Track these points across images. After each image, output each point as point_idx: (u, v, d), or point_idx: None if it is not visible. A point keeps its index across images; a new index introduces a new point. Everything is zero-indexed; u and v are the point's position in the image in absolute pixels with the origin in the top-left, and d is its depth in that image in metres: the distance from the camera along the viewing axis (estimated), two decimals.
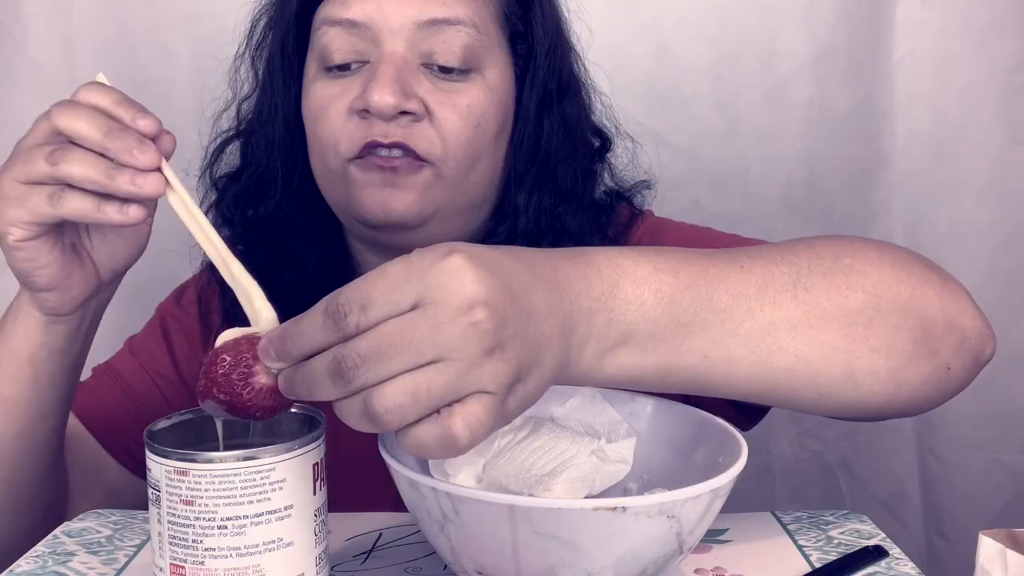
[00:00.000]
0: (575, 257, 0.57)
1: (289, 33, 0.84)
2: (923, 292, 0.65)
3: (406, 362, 0.48)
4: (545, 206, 0.85)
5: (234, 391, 0.53)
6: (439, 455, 0.50)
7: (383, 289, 0.49)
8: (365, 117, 0.78)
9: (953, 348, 0.66)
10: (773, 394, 0.63)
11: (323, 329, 0.49)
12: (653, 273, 0.58)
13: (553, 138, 0.86)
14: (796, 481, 1.34)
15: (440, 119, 0.78)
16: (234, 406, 0.54)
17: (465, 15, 0.79)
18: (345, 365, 0.48)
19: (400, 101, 0.76)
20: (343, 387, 0.49)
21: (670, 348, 0.58)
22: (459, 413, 0.49)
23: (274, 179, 0.87)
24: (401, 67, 0.78)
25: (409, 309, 0.49)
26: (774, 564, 0.65)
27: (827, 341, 0.62)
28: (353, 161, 0.79)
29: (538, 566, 0.54)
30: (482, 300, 0.49)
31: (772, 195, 1.28)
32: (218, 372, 0.53)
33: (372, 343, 0.48)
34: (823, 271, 0.63)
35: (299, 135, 0.85)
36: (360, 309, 0.49)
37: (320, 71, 0.81)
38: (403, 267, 0.50)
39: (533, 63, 0.85)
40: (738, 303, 0.60)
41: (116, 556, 0.67)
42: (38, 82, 1.23)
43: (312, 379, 0.50)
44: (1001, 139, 1.24)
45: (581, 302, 0.55)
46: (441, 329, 0.48)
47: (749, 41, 1.25)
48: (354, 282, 0.50)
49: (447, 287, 0.49)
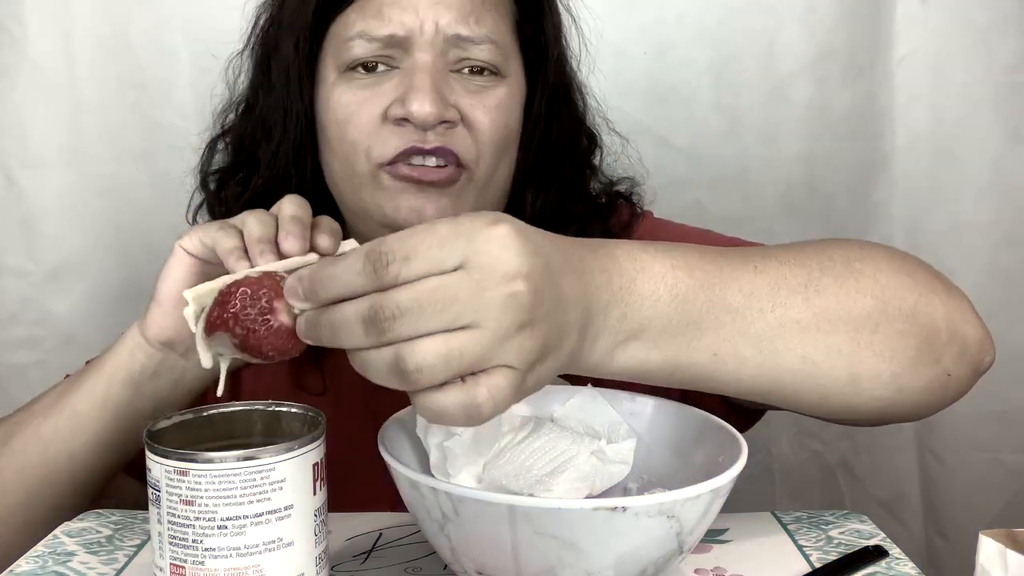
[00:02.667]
0: (597, 249, 0.57)
1: (302, 39, 0.84)
2: (928, 300, 0.66)
3: (443, 322, 0.48)
4: (551, 200, 0.87)
5: (250, 326, 0.52)
6: (459, 422, 0.50)
7: (430, 244, 0.49)
8: (402, 125, 0.78)
9: (955, 356, 0.66)
10: (777, 394, 0.63)
11: (361, 275, 0.49)
12: (670, 270, 0.58)
13: (560, 138, 0.88)
14: (796, 481, 1.34)
15: (473, 122, 0.80)
16: (247, 342, 0.52)
17: (487, 35, 0.80)
18: (382, 315, 0.48)
19: (441, 111, 0.77)
20: (375, 336, 0.48)
21: (680, 345, 0.59)
22: (484, 383, 0.49)
23: (279, 182, 0.86)
24: (436, 77, 0.79)
25: (452, 270, 0.48)
26: (774, 564, 0.65)
27: (833, 344, 0.62)
28: (384, 167, 0.79)
29: (538, 566, 0.54)
30: (525, 273, 0.49)
31: (772, 195, 1.28)
32: (236, 304, 0.52)
33: (413, 297, 0.48)
34: (834, 275, 0.63)
35: (308, 138, 0.85)
36: (403, 260, 0.48)
37: (342, 74, 0.81)
38: (452, 227, 0.49)
39: (544, 67, 0.86)
40: (750, 303, 0.60)
41: (116, 556, 0.67)
42: (38, 82, 1.23)
43: (341, 324, 0.49)
44: (1001, 139, 1.24)
45: (600, 295, 0.56)
46: (483, 295, 0.48)
47: (749, 41, 1.25)
48: (399, 233, 0.49)
49: (495, 254, 0.49)
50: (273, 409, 0.60)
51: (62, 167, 1.25)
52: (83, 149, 1.26)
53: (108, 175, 1.25)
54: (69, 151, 1.25)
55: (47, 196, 1.26)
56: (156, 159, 1.25)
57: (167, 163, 1.18)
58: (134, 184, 1.27)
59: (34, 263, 1.26)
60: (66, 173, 1.25)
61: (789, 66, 1.25)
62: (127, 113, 1.26)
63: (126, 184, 1.27)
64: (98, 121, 1.25)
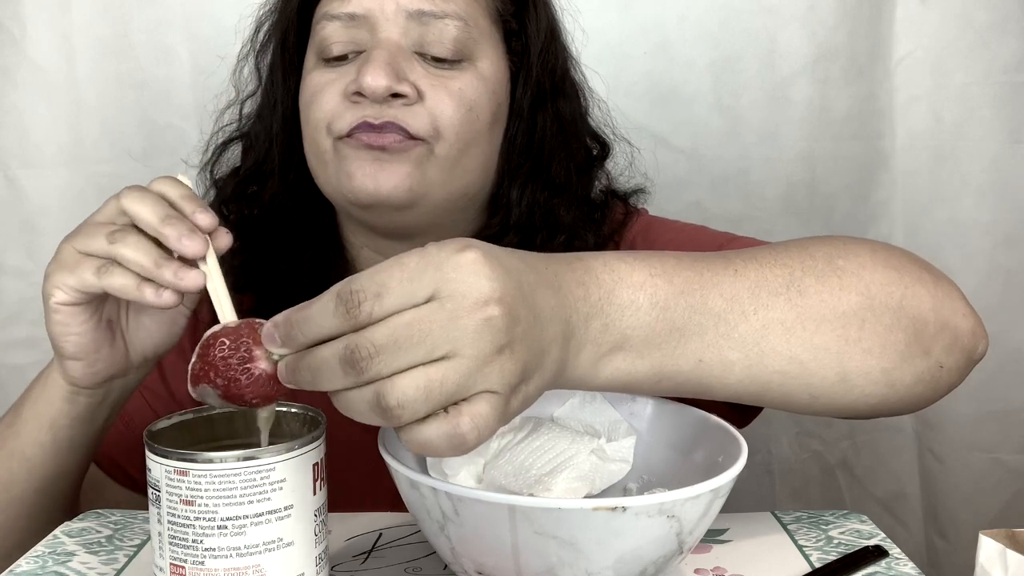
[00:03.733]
0: (572, 263, 0.57)
1: (289, 29, 0.86)
2: (915, 292, 0.65)
3: (420, 355, 0.48)
4: (538, 200, 0.86)
5: (231, 376, 0.52)
6: (445, 453, 0.50)
7: (399, 279, 0.49)
8: (358, 100, 0.79)
9: (946, 347, 0.66)
10: (766, 396, 0.63)
11: (334, 316, 0.48)
12: (648, 279, 0.58)
13: (547, 135, 0.87)
14: (796, 481, 1.34)
15: (432, 101, 0.79)
16: (229, 392, 0.52)
17: (453, 10, 0.80)
18: (359, 355, 0.47)
19: (392, 83, 0.77)
20: (354, 377, 0.48)
21: (664, 353, 0.58)
22: (467, 412, 0.49)
23: (272, 172, 0.88)
24: (395, 52, 0.79)
25: (424, 301, 0.48)
26: (774, 564, 0.65)
27: (820, 343, 0.62)
28: (343, 139, 0.80)
29: (538, 566, 0.54)
30: (497, 297, 0.49)
31: (772, 195, 1.28)
32: (216, 355, 0.52)
33: (387, 334, 0.48)
34: (816, 273, 0.63)
35: (296, 128, 0.85)
36: (375, 297, 0.48)
37: (319, 62, 0.83)
38: (420, 258, 0.49)
39: (527, 60, 0.86)
40: (732, 306, 0.60)
41: (116, 556, 0.67)
42: (38, 82, 1.23)
43: (320, 367, 0.49)
44: (1000, 139, 1.24)
45: (579, 308, 0.55)
46: (457, 324, 0.48)
47: (750, 41, 1.25)
48: (368, 270, 0.49)
49: (465, 281, 0.49)
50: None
51: (62, 167, 1.25)
52: (83, 149, 1.25)
53: (108, 175, 1.25)
54: (69, 151, 1.25)
55: (47, 196, 1.26)
56: (156, 159, 1.25)
57: (167, 163, 1.18)
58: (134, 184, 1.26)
59: (34, 263, 1.26)
60: (66, 173, 1.25)
61: (789, 66, 1.25)
62: (127, 113, 1.26)
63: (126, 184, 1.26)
64: (98, 121, 1.25)
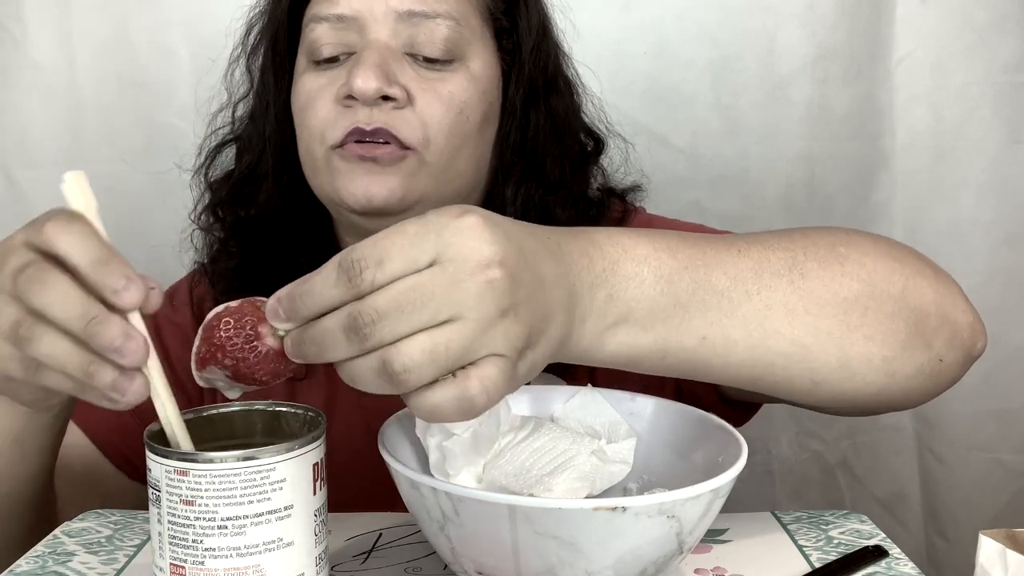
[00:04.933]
0: (576, 234, 0.58)
1: (280, 31, 0.86)
2: (917, 283, 0.66)
3: (424, 319, 0.48)
4: (533, 198, 0.86)
5: (240, 355, 0.52)
6: (455, 418, 0.50)
7: (400, 245, 0.49)
8: (349, 105, 0.79)
9: (946, 341, 0.66)
10: (769, 378, 0.63)
11: (336, 286, 0.49)
12: (652, 252, 0.58)
13: (540, 132, 0.87)
14: (796, 481, 1.34)
15: (422, 105, 0.79)
16: (239, 371, 0.52)
17: (444, 9, 0.80)
18: (362, 321, 0.48)
19: (382, 85, 0.77)
20: (358, 344, 0.48)
21: (668, 327, 0.59)
22: (475, 375, 0.49)
23: (265, 174, 0.88)
24: (384, 54, 0.79)
25: (426, 267, 0.49)
26: (774, 564, 0.65)
27: (823, 327, 0.62)
28: (336, 149, 0.80)
29: (538, 566, 0.54)
30: (499, 260, 0.49)
31: (772, 195, 1.28)
32: (221, 336, 0.52)
33: (390, 299, 0.48)
34: (819, 259, 0.63)
35: (289, 130, 0.86)
36: (376, 265, 0.48)
37: (309, 65, 0.83)
38: (420, 225, 0.50)
39: (519, 58, 0.86)
40: (735, 285, 0.60)
41: (116, 556, 0.67)
42: (38, 82, 1.24)
43: (324, 337, 0.49)
44: (1000, 138, 1.24)
45: (583, 276, 0.56)
46: (459, 287, 0.48)
47: (749, 41, 1.25)
48: (369, 239, 0.49)
49: (466, 244, 0.49)
50: (273, 409, 0.60)
51: (62, 167, 1.24)
52: (83, 149, 1.26)
53: (108, 175, 1.25)
54: (69, 151, 1.25)
55: (47, 196, 1.25)
56: (156, 159, 1.25)
57: (167, 163, 1.18)
58: (134, 184, 1.27)
59: None
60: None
61: (789, 66, 1.25)
62: (127, 113, 1.26)
63: (126, 184, 1.27)
64: (98, 121, 1.25)
